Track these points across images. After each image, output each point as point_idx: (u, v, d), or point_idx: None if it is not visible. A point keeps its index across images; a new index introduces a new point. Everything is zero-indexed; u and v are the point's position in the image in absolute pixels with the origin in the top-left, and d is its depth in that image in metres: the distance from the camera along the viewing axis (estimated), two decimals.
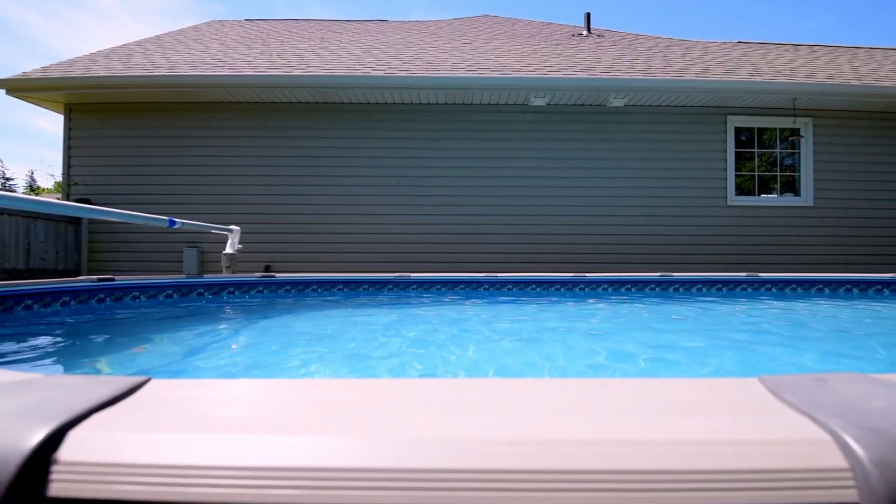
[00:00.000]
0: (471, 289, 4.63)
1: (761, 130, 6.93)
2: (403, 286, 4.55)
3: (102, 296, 3.31)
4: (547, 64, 6.68)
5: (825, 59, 8.42)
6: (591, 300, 4.26)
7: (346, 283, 4.48)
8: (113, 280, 3.37)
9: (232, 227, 4.54)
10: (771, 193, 6.99)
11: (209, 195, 6.51)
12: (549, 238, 6.56)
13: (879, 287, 4.64)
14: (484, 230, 6.56)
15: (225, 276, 4.18)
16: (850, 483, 0.37)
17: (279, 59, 6.81)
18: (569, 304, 4.00)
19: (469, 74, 6.00)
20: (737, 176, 6.83)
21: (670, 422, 0.44)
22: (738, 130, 6.87)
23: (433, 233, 6.53)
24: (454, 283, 4.59)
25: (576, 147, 6.58)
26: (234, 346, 2.29)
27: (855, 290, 4.69)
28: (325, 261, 6.49)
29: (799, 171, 6.87)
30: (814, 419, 0.44)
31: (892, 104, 6.63)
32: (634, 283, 4.68)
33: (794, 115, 6.64)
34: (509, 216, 6.57)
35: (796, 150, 6.93)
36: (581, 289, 4.63)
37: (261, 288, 4.17)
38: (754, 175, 6.93)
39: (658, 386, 0.57)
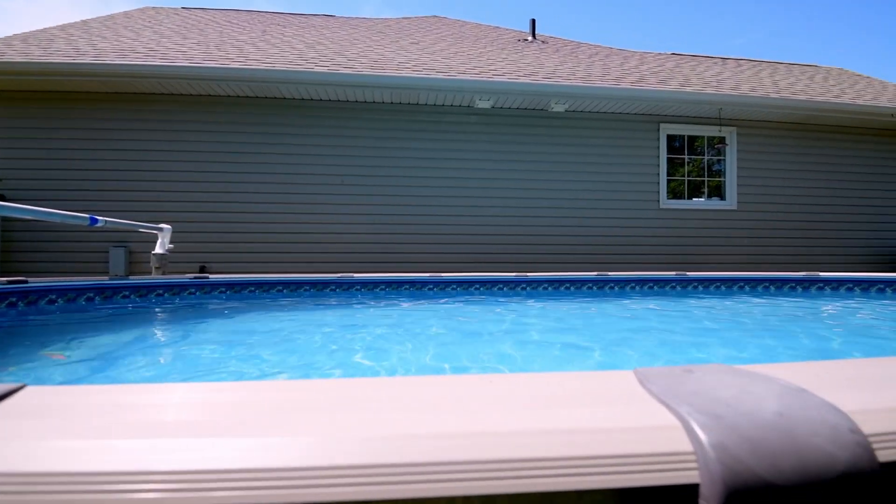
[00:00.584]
0: (415, 289, 4.63)
1: (692, 138, 7.36)
2: (347, 287, 4.48)
3: (14, 299, 3.05)
4: (492, 67, 6.78)
5: (749, 72, 9.03)
6: (531, 300, 4.36)
7: (287, 283, 4.36)
8: (26, 282, 3.12)
9: (162, 225, 4.31)
10: (701, 197, 7.42)
11: (139, 192, 6.15)
12: (493, 238, 6.67)
13: (793, 285, 5.04)
14: (429, 230, 6.57)
15: (154, 278, 3.96)
16: (694, 465, 0.40)
17: (217, 50, 6.53)
18: (506, 301, 4.08)
19: (414, 74, 5.99)
20: (669, 180, 7.21)
21: (543, 413, 0.46)
22: (672, 137, 7.26)
23: (378, 232, 6.48)
24: (399, 284, 4.57)
25: (519, 150, 6.73)
26: (154, 352, 2.17)
27: (771, 288, 5.07)
28: (267, 261, 6.29)
29: (724, 177, 7.35)
30: (668, 407, 0.47)
31: (806, 116, 7.21)
32: (573, 281, 4.84)
33: (720, 125, 7.10)
34: (454, 216, 6.62)
35: (722, 157, 7.41)
36: (523, 288, 4.74)
37: (193, 290, 3.98)
38: (685, 180, 7.34)
39: (541, 380, 0.59)
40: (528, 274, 4.76)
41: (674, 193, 7.30)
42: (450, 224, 6.60)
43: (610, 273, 4.98)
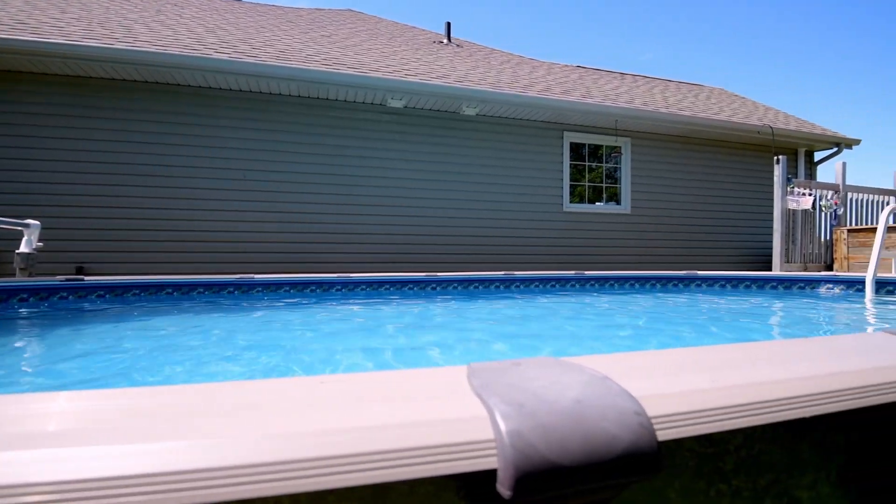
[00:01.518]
0: (322, 290, 4.50)
1: (598, 146, 7.87)
2: (246, 288, 4.26)
3: None
4: (406, 67, 6.79)
5: (644, 88, 9.84)
6: (440, 298, 4.41)
7: (178, 285, 4.06)
8: None
9: (29, 221, 3.83)
10: (601, 202, 7.97)
11: (2, 183, 5.40)
12: (406, 238, 6.68)
13: (675, 282, 5.55)
14: (340, 230, 6.43)
15: (17, 280, 3.51)
16: (493, 452, 0.42)
17: (101, 28, 5.91)
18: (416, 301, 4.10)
19: (324, 68, 5.84)
20: (572, 185, 7.66)
21: (369, 410, 0.47)
22: (576, 145, 7.71)
23: (285, 231, 6.22)
24: (304, 284, 4.42)
25: (432, 151, 6.80)
26: (12, 365, 1.92)
27: (657, 285, 5.56)
28: (157, 261, 5.80)
29: (620, 183, 7.95)
30: (481, 399, 0.49)
31: (690, 130, 8.00)
32: (482, 281, 4.98)
33: (617, 135, 7.67)
34: (366, 216, 6.54)
35: (619, 165, 8.00)
36: (433, 288, 4.79)
37: (65, 294, 3.58)
38: (585, 185, 7.84)
39: (380, 378, 0.59)
40: (439, 274, 4.82)
41: (580, 197, 7.78)
42: (361, 224, 6.51)
43: (516, 273, 5.18)
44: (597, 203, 7.85)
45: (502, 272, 5.12)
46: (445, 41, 9.63)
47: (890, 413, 0.81)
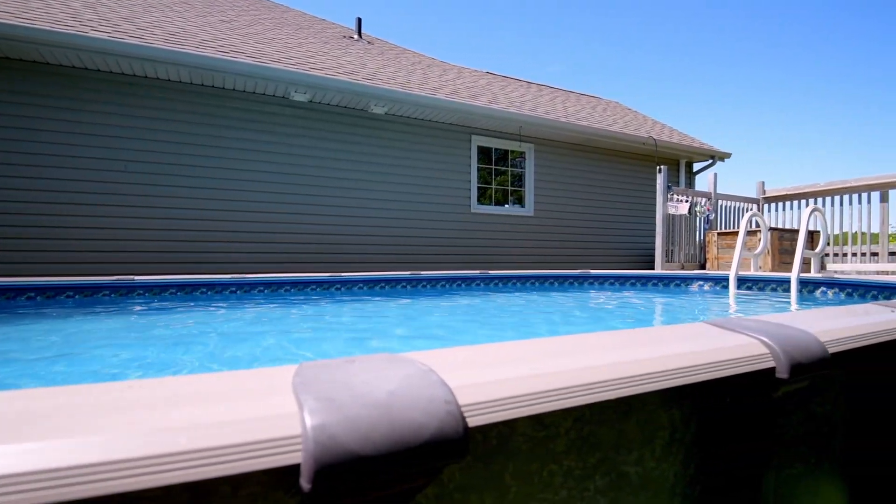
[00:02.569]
0: (214, 292, 4.22)
1: (502, 150, 8.15)
2: (125, 291, 3.88)
3: None
4: (311, 60, 6.57)
5: (547, 97, 10.38)
6: (345, 299, 4.32)
7: (41, 288, 3.59)
8: None
9: None
10: (513, 205, 8.28)
11: None
12: (309, 237, 6.46)
13: (571, 281, 5.91)
14: (236, 227, 6.07)
15: None
16: (298, 447, 0.42)
17: None
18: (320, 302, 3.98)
19: (220, 55, 5.48)
20: (482, 188, 7.88)
21: (182, 410, 0.46)
22: (485, 149, 7.94)
23: (172, 228, 5.74)
24: (193, 286, 4.12)
25: (338, 148, 6.64)
26: None
27: (556, 283, 5.89)
28: (26, 261, 5.10)
29: (524, 187, 8.31)
30: (296, 396, 0.49)
31: (586, 139, 8.56)
32: (387, 281, 4.95)
33: (521, 140, 8.02)
34: (266, 213, 6.23)
35: (523, 170, 8.37)
36: (337, 288, 4.68)
37: None
38: (492, 188, 8.10)
39: (199, 380, 0.57)
40: (343, 274, 4.71)
41: (491, 199, 8.02)
42: (260, 221, 6.19)
43: (423, 272, 5.21)
44: (505, 205, 8.14)
45: (409, 272, 5.13)
46: (356, 37, 9.47)
47: (701, 392, 0.92)
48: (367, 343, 2.41)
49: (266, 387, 0.55)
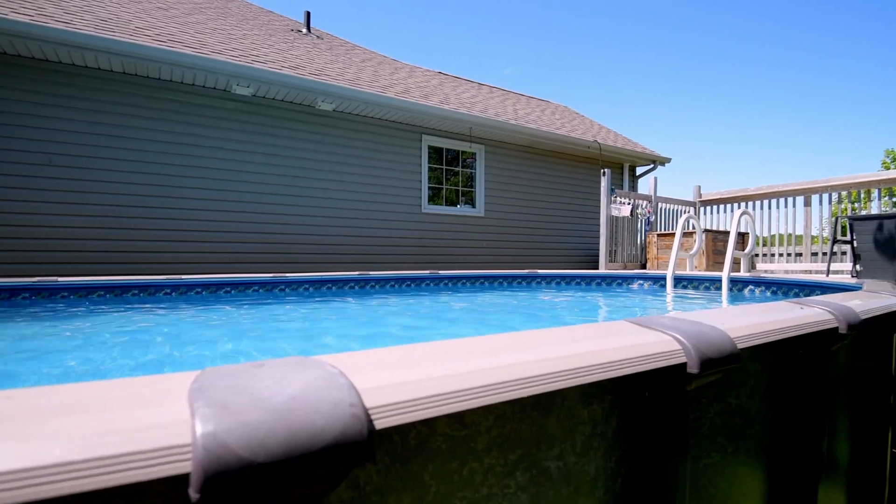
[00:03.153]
0: (147, 294, 4.00)
1: (455, 151, 8.19)
2: (47, 293, 3.61)
3: None
4: (255, 53, 6.35)
5: (498, 99, 10.52)
6: (290, 300, 4.21)
7: None
8: None
9: None
10: (465, 205, 8.33)
11: None
12: (253, 237, 6.25)
13: (520, 280, 6.01)
14: (174, 225, 5.78)
15: None
16: (188, 456, 0.41)
17: None
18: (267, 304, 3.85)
19: (154, 44, 5.19)
20: (435, 188, 7.89)
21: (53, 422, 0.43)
22: (437, 149, 7.95)
23: (100, 227, 5.37)
24: (122, 288, 3.89)
25: (283, 144, 6.45)
26: None
27: (504, 283, 5.98)
28: None
29: (475, 188, 8.39)
30: (189, 403, 0.46)
31: (534, 141, 8.74)
32: (335, 282, 4.86)
33: (471, 141, 8.09)
34: (206, 211, 5.96)
35: (474, 170, 8.44)
36: (281, 289, 4.54)
37: None
38: (443, 188, 8.12)
39: (80, 388, 0.54)
40: (287, 275, 4.59)
41: (445, 200, 8.04)
42: (197, 220, 5.92)
43: (371, 273, 5.15)
44: (457, 206, 8.18)
45: (357, 272, 5.06)
46: (304, 31, 9.24)
47: (620, 387, 0.95)
48: (299, 344, 2.35)
49: (162, 393, 0.52)
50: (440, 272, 5.56)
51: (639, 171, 10.91)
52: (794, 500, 1.55)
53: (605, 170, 6.99)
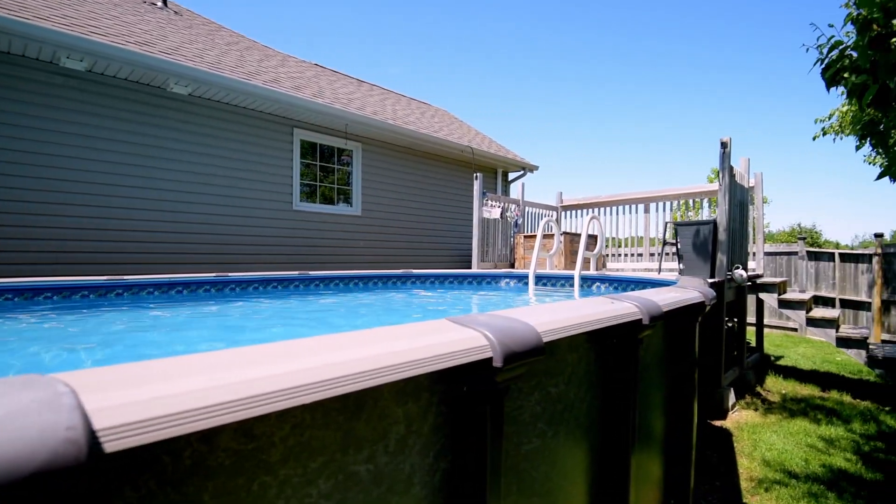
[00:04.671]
0: None
1: (332, 147, 7.92)
2: None
3: None
4: (93, 23, 5.53)
5: (377, 98, 10.45)
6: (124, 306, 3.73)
7: None
8: None
9: None
10: (341, 203, 8.09)
11: None
12: (84, 234, 5.43)
13: (395, 280, 6.02)
14: None
15: None
16: None
17: None
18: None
19: None
20: (311, 185, 7.56)
21: None
22: (312, 144, 7.62)
23: None
24: None
25: (127, 129, 5.68)
26: None
27: (379, 283, 5.94)
28: None
29: (351, 186, 8.24)
30: None
31: (412, 142, 8.84)
32: (187, 284, 4.41)
33: (347, 138, 7.92)
34: (25, 202, 5.06)
35: (351, 168, 8.28)
36: (118, 294, 4.01)
37: None
38: (317, 185, 7.84)
39: None
40: (126, 277, 4.06)
41: (322, 198, 7.74)
42: (23, 213, 5.01)
43: (231, 274, 4.78)
44: (327, 204, 7.93)
45: (213, 274, 4.66)
46: (160, 4, 8.30)
47: (436, 383, 0.98)
48: (101, 355, 2.09)
49: None
50: (310, 273, 5.34)
51: (511, 176, 11.60)
52: (610, 472, 1.73)
53: (478, 174, 7.30)
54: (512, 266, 8.22)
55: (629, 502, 1.68)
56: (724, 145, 5.15)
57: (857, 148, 3.22)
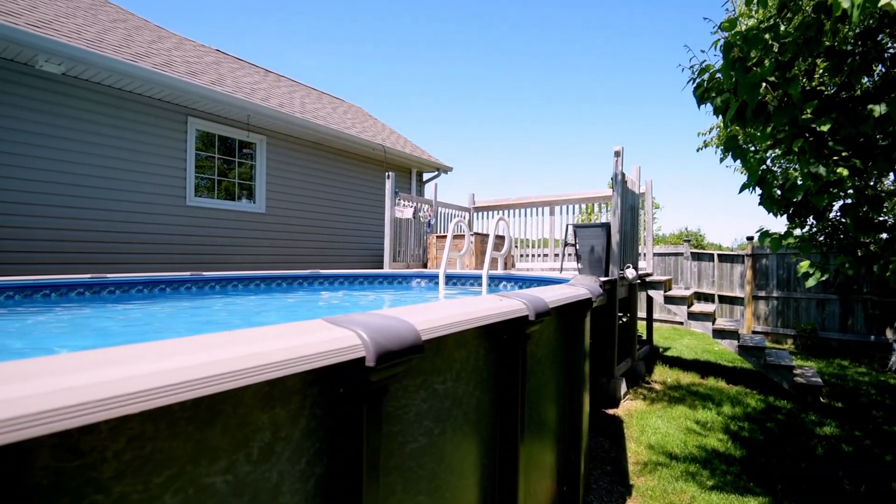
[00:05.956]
0: None
1: (235, 140, 7.43)
2: None
3: None
4: None
5: (285, 89, 10.01)
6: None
7: None
8: None
9: None
10: (241, 199, 7.61)
11: None
12: None
13: (301, 281, 5.79)
14: None
15: None
16: None
17: None
18: None
19: None
20: (202, 178, 7.04)
21: None
22: (210, 135, 7.10)
23: None
24: None
25: None
26: None
27: (284, 284, 5.68)
28: None
29: (255, 181, 7.81)
30: None
31: (322, 138, 8.57)
32: (56, 286, 3.92)
33: (249, 131, 7.49)
34: None
35: (254, 162, 7.85)
36: None
37: None
38: (215, 178, 7.33)
39: None
40: None
41: (216, 193, 7.22)
42: None
43: (109, 275, 4.32)
44: (226, 200, 7.45)
45: (88, 275, 4.18)
46: None
47: (308, 385, 0.94)
48: None
49: None
50: (204, 273, 4.98)
51: (425, 176, 11.66)
52: (500, 464, 1.78)
53: (390, 173, 7.24)
54: (425, 266, 8.26)
55: (518, 492, 1.74)
56: (616, 154, 5.57)
57: (721, 160, 3.62)
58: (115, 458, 0.66)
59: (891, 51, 3.14)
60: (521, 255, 8.66)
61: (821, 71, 4.67)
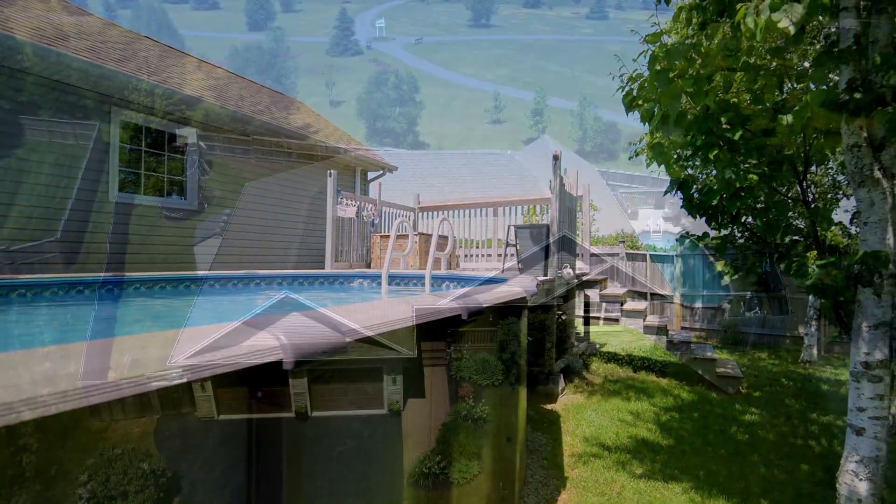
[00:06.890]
0: None
1: (159, 131, 6.99)
2: None
3: None
4: None
5: (222, 82, 9.57)
6: None
7: None
8: None
9: None
10: (172, 195, 7.18)
11: None
12: None
13: (236, 282, 5.56)
14: None
15: None
16: None
17: None
18: None
19: None
20: (132, 173, 6.59)
21: None
22: (136, 127, 6.65)
23: None
24: None
25: None
26: None
27: (217, 286, 5.43)
28: None
29: (186, 176, 7.41)
30: None
31: (264, 132, 8.27)
32: None
33: (180, 123, 7.10)
34: None
35: (186, 157, 7.44)
36: None
37: None
38: (142, 172, 6.88)
39: None
40: None
41: (153, 189, 6.80)
42: None
43: (19, 277, 3.96)
44: (154, 196, 7.01)
45: None
46: None
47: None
48: None
49: None
50: (126, 275, 4.68)
51: (370, 175, 11.53)
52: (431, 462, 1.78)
53: (332, 171, 7.09)
54: (369, 266, 8.17)
55: (451, 489, 1.75)
56: (556, 158, 5.75)
57: (647, 165, 3.82)
58: None
59: (798, 68, 3.44)
60: (466, 255, 8.74)
61: (738, 83, 5.04)
